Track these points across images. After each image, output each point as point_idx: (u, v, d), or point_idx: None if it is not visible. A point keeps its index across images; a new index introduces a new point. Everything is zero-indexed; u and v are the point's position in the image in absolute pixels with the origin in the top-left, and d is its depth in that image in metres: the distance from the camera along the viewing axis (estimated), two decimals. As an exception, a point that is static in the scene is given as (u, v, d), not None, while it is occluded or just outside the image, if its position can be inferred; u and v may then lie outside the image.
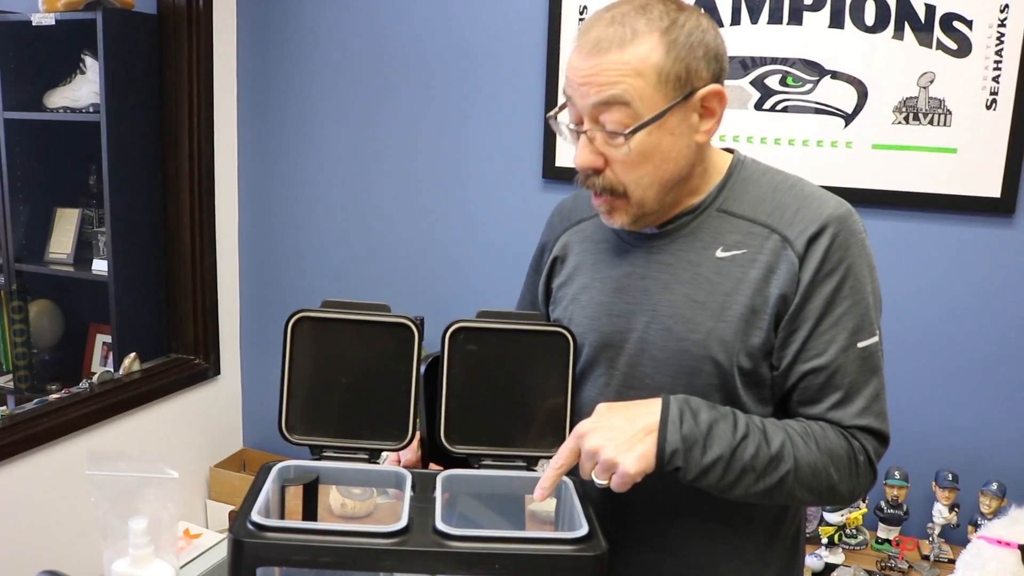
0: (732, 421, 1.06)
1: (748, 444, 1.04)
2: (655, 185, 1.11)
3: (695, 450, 1.02)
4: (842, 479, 1.09)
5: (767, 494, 1.06)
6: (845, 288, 1.10)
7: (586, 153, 1.09)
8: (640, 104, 1.05)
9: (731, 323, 1.11)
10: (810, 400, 1.12)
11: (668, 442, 1.02)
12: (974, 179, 1.98)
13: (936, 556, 1.99)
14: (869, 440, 1.12)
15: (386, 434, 1.17)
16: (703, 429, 1.03)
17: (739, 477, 1.04)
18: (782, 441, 1.06)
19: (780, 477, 1.05)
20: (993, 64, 1.92)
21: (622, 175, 1.09)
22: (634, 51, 1.05)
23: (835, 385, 1.11)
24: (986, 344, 2.03)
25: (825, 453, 1.08)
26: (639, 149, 1.07)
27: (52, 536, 2.22)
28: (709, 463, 1.03)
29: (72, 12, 2.42)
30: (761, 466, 1.04)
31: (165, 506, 1.10)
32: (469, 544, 0.94)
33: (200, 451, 2.75)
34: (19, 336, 2.79)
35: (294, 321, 1.15)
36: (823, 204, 1.12)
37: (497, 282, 2.45)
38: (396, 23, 2.48)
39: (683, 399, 1.06)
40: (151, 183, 2.56)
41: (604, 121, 1.07)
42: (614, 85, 1.05)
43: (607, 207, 1.14)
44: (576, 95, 1.08)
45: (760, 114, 2.12)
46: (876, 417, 1.13)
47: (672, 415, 1.03)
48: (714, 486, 1.05)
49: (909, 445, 2.10)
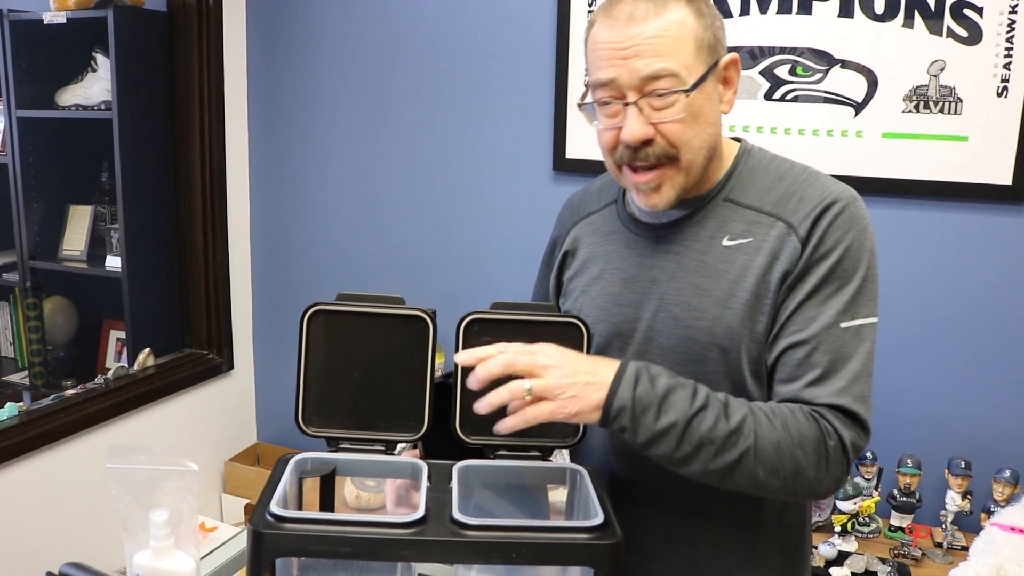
0: (691, 390, 1.04)
1: (706, 415, 1.02)
2: (704, 148, 1.12)
3: (648, 414, 1.01)
4: (809, 464, 1.04)
5: (727, 473, 1.03)
6: (839, 268, 1.10)
7: (638, 124, 1.08)
8: (685, 71, 1.07)
9: (736, 310, 1.12)
10: (788, 377, 1.10)
11: (617, 398, 1.01)
12: (985, 167, 1.97)
13: (949, 543, 1.99)
14: (845, 424, 1.06)
15: (402, 426, 1.18)
16: (659, 393, 1.02)
17: (696, 450, 1.02)
18: (743, 416, 1.03)
19: (740, 453, 1.02)
20: (1004, 52, 1.91)
21: (675, 137, 1.09)
22: (671, 18, 1.07)
23: (814, 362, 1.08)
24: (998, 331, 2.03)
25: (791, 434, 1.03)
26: (691, 110, 1.08)
27: (72, 530, 2.24)
28: (662, 429, 1.01)
29: (83, 10, 2.43)
30: (719, 439, 1.02)
31: (185, 498, 1.11)
32: (486, 533, 0.95)
33: (214, 445, 2.77)
34: (34, 333, 2.82)
35: (310, 314, 1.16)
36: (826, 190, 1.13)
37: (509, 274, 2.46)
38: (406, 18, 2.48)
39: (644, 364, 1.05)
40: (163, 179, 2.58)
41: (655, 86, 1.07)
42: (661, 52, 1.07)
43: (656, 181, 1.12)
44: (619, 65, 1.08)
45: (770, 104, 2.11)
46: (855, 399, 1.07)
47: (628, 374, 1.02)
48: (668, 456, 1.03)
49: (921, 433, 2.11)
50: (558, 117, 2.33)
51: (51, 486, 2.19)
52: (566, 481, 1.15)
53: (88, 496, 2.26)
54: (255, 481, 2.69)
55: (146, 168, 2.52)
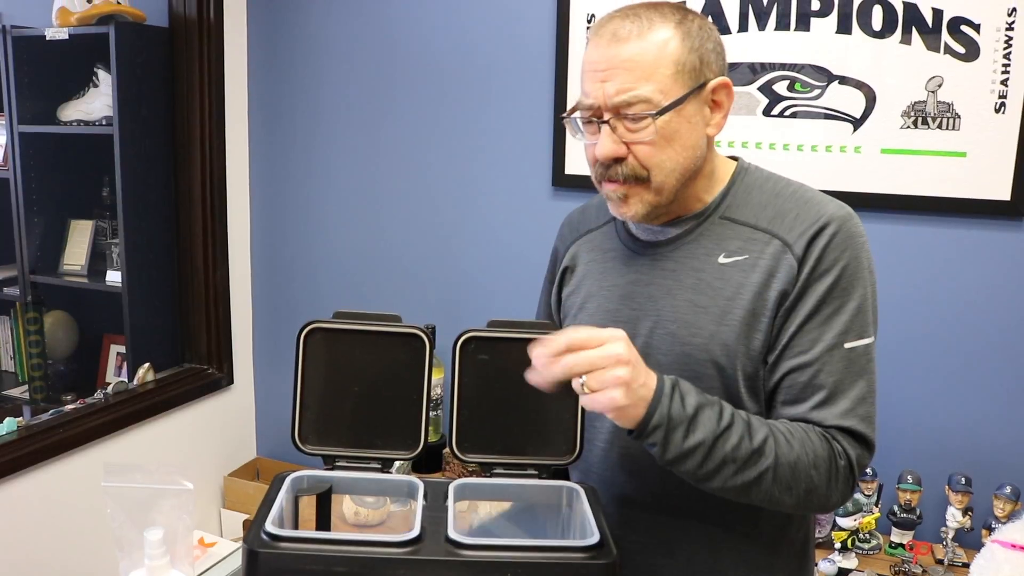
0: (718, 409, 1.05)
1: (731, 434, 1.03)
2: (676, 171, 1.13)
3: (677, 432, 1.01)
4: (821, 482, 1.07)
5: (744, 490, 1.05)
6: (838, 288, 1.10)
7: (609, 142, 1.10)
8: (660, 93, 1.09)
9: (733, 327, 1.13)
10: (794, 399, 1.11)
11: (656, 415, 1.00)
12: (983, 183, 1.97)
13: (950, 560, 1.98)
14: (852, 444, 1.09)
15: (398, 443, 1.18)
16: (689, 412, 1.02)
17: (718, 467, 1.03)
18: (765, 436, 1.05)
19: (759, 473, 1.04)
20: (1002, 67, 1.92)
21: (646, 159, 1.11)
22: (653, 39, 1.09)
23: (818, 384, 1.10)
24: (997, 347, 2.03)
25: (807, 454, 1.06)
26: (663, 132, 1.10)
27: (68, 547, 2.23)
28: (690, 447, 1.01)
29: (85, 26, 2.44)
30: (741, 458, 1.03)
31: (181, 517, 1.11)
32: (481, 553, 0.95)
33: (214, 460, 2.76)
34: (34, 347, 2.82)
35: (306, 332, 1.17)
36: (823, 207, 1.14)
37: (508, 290, 2.46)
38: (406, 33, 2.49)
39: (675, 379, 1.05)
40: (164, 194, 2.58)
41: (626, 110, 1.09)
42: (636, 73, 1.08)
43: (624, 192, 1.13)
44: (596, 86, 1.10)
45: (768, 120, 2.12)
46: (861, 421, 1.10)
47: (665, 390, 1.02)
48: (691, 473, 1.04)
49: (922, 449, 2.10)
50: (557, 132, 2.33)
51: (50, 502, 2.18)
52: (562, 499, 1.15)
53: (85, 513, 2.26)
54: (254, 496, 2.68)
55: (147, 183, 2.53)
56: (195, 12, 2.49)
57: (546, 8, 2.30)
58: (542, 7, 2.31)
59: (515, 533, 1.20)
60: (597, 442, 1.25)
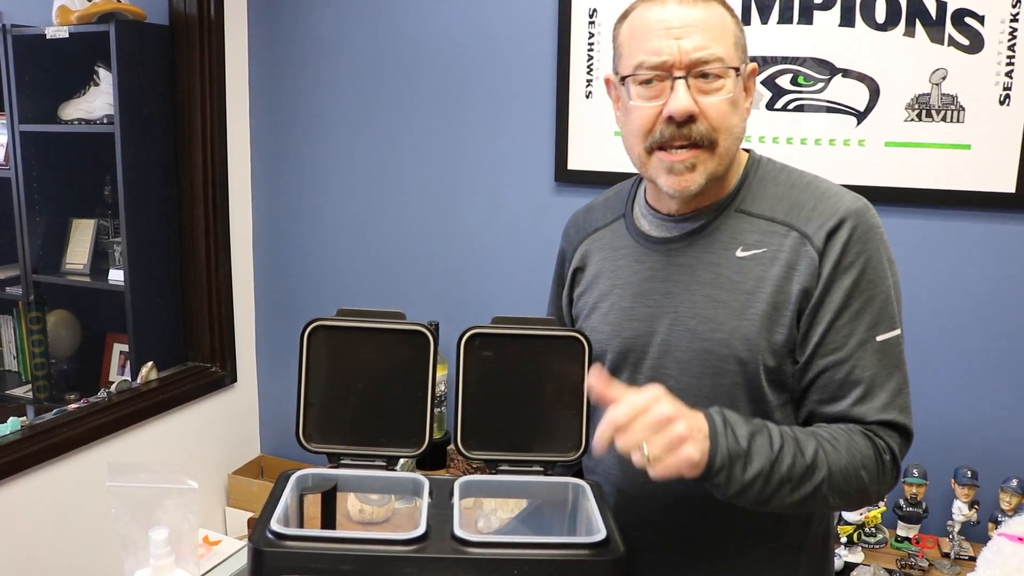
0: (768, 434, 1.03)
1: (785, 455, 1.02)
2: (739, 139, 1.14)
3: (736, 466, 1.00)
4: (872, 481, 1.07)
5: (801, 504, 1.05)
6: (864, 282, 1.10)
7: (687, 98, 1.08)
8: (728, 58, 1.10)
9: (754, 321, 1.12)
10: (832, 397, 1.11)
11: (718, 455, 0.99)
12: (988, 175, 1.96)
13: (956, 554, 1.98)
14: (893, 437, 1.10)
15: (403, 441, 1.17)
16: (743, 445, 1.01)
17: (776, 490, 1.02)
18: (815, 449, 1.04)
19: (815, 486, 1.03)
20: (1006, 59, 1.91)
21: (718, 120, 1.10)
22: (717, 10, 1.11)
23: (855, 380, 1.09)
24: (1003, 339, 2.02)
25: (855, 456, 1.06)
26: (734, 96, 1.10)
27: (72, 546, 2.24)
28: (750, 479, 1.00)
29: (85, 25, 2.44)
30: (797, 476, 1.03)
31: (185, 516, 1.11)
32: (487, 550, 0.94)
33: (218, 458, 2.76)
34: (37, 346, 2.82)
35: (310, 330, 1.16)
36: (840, 199, 1.13)
37: (512, 287, 2.46)
38: (407, 30, 2.49)
39: (719, 412, 1.03)
40: (166, 193, 2.58)
41: (704, 67, 1.08)
42: (712, 34, 1.09)
43: (691, 159, 1.11)
44: (671, 43, 1.08)
45: (772, 114, 2.11)
46: (900, 412, 1.10)
47: (719, 428, 1.00)
48: (752, 501, 1.03)
49: (928, 442, 2.08)
50: (560, 128, 2.32)
51: (54, 501, 2.18)
52: (568, 496, 1.15)
53: (90, 512, 2.26)
54: (259, 494, 2.68)
55: (149, 181, 2.52)
56: (196, 9, 2.48)
57: (548, 3, 2.29)
58: (544, 2, 2.30)
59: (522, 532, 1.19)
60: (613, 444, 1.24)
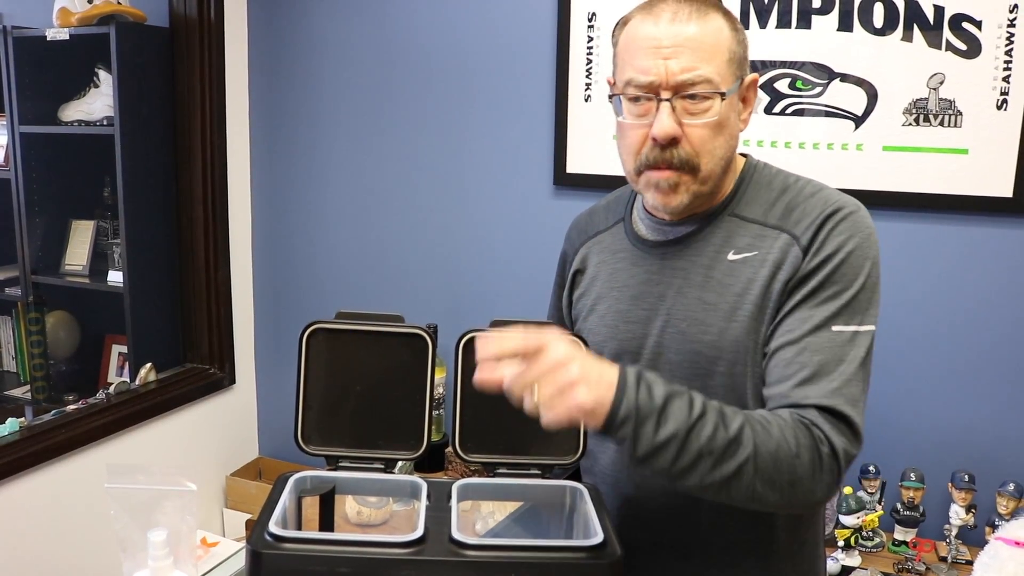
0: (688, 398, 0.98)
1: (705, 423, 0.96)
2: (723, 160, 1.12)
3: (647, 424, 0.95)
4: (805, 473, 0.99)
5: (724, 486, 0.98)
6: (837, 273, 1.09)
7: (670, 121, 1.08)
8: (719, 77, 1.08)
9: (742, 323, 1.12)
10: (778, 378, 1.07)
11: (623, 405, 0.94)
12: (986, 179, 1.97)
13: (953, 558, 1.98)
14: (836, 430, 1.01)
15: (401, 444, 1.18)
16: (658, 403, 0.96)
17: (694, 461, 0.96)
18: (741, 424, 0.98)
19: (739, 465, 0.96)
20: (1003, 64, 1.91)
21: (699, 145, 1.09)
22: (712, 25, 1.09)
23: (803, 361, 1.05)
24: (1000, 344, 2.02)
25: (787, 441, 0.99)
26: (719, 118, 1.09)
27: (71, 548, 2.24)
28: (663, 441, 0.95)
29: (86, 27, 2.45)
30: (718, 449, 0.96)
31: (184, 518, 1.11)
32: (485, 553, 0.94)
33: (216, 460, 2.76)
34: (36, 347, 2.82)
35: (309, 332, 1.16)
36: (830, 200, 1.14)
37: (510, 290, 2.46)
38: (406, 34, 2.49)
39: (638, 369, 0.99)
40: (165, 194, 2.58)
41: (690, 89, 1.07)
42: (701, 54, 1.07)
43: (675, 180, 1.10)
44: (658, 63, 1.07)
45: (770, 118, 2.12)
46: (847, 402, 1.03)
47: (629, 380, 0.96)
48: (667, 469, 0.97)
49: (924, 446, 2.10)
50: (558, 131, 2.33)
51: (52, 503, 2.19)
52: (565, 499, 1.15)
53: (88, 514, 2.26)
54: (257, 496, 2.68)
55: (148, 183, 2.53)
56: (195, 12, 2.49)
57: (547, 7, 2.30)
58: (543, 6, 2.31)
59: (519, 535, 1.20)
60: (608, 444, 1.24)
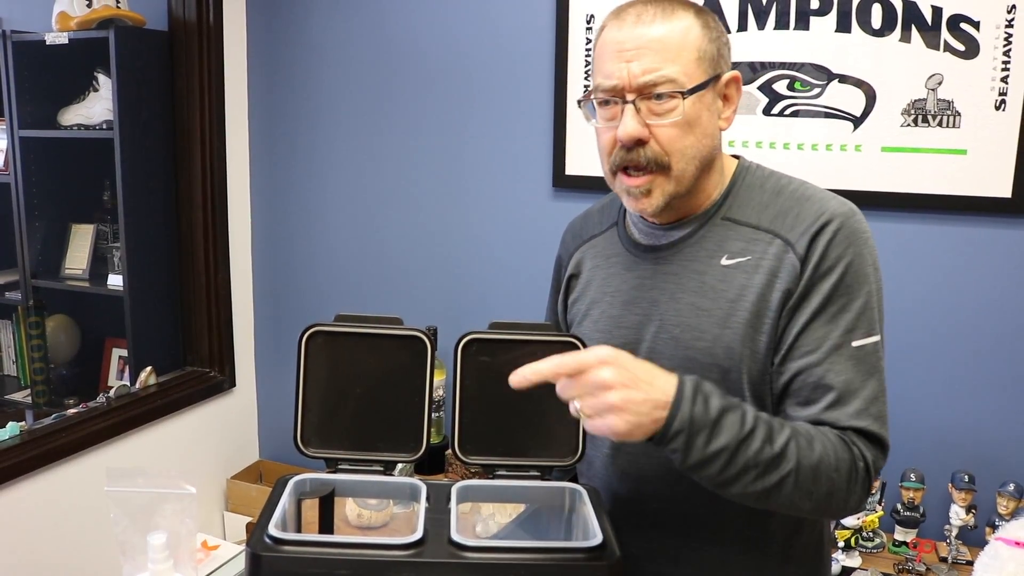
0: (741, 413, 1.00)
1: (754, 439, 0.99)
2: (696, 159, 1.12)
3: (699, 437, 0.97)
4: (842, 485, 1.03)
5: (764, 496, 1.01)
6: (843, 285, 1.09)
7: (634, 123, 1.09)
8: (685, 76, 1.08)
9: (736, 329, 1.12)
10: (805, 401, 1.09)
11: (677, 420, 0.96)
12: (984, 180, 1.97)
13: (954, 558, 1.98)
14: (867, 446, 1.06)
15: (401, 446, 1.18)
16: (712, 416, 0.98)
17: (740, 473, 0.99)
18: (787, 439, 1.01)
19: (781, 478, 1.00)
20: (1001, 65, 1.92)
21: (668, 144, 1.10)
22: (678, 24, 1.09)
23: (828, 384, 1.07)
24: (999, 344, 2.03)
25: (828, 455, 1.02)
26: (687, 117, 1.09)
27: (71, 551, 2.24)
28: (713, 452, 0.97)
29: (85, 31, 2.45)
30: (764, 463, 0.99)
31: (183, 521, 1.11)
32: (484, 555, 0.94)
33: (217, 463, 2.76)
34: (36, 351, 2.82)
35: (308, 335, 1.17)
36: (824, 204, 1.13)
37: (509, 292, 2.46)
38: (405, 36, 2.49)
39: (696, 380, 1.01)
40: (165, 198, 2.59)
41: (652, 90, 1.08)
42: (663, 55, 1.08)
43: (647, 185, 1.11)
44: (621, 66, 1.09)
45: (769, 119, 2.12)
46: (875, 420, 1.07)
47: (686, 393, 0.98)
48: (711, 479, 1.00)
49: (924, 447, 2.10)
50: (557, 133, 2.33)
51: (53, 506, 2.19)
52: (565, 501, 1.15)
53: (89, 517, 2.26)
54: (257, 499, 2.68)
55: (148, 187, 2.53)
56: (195, 16, 2.49)
57: (545, 9, 2.30)
58: (541, 8, 2.31)
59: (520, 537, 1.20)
60: (601, 448, 1.24)
